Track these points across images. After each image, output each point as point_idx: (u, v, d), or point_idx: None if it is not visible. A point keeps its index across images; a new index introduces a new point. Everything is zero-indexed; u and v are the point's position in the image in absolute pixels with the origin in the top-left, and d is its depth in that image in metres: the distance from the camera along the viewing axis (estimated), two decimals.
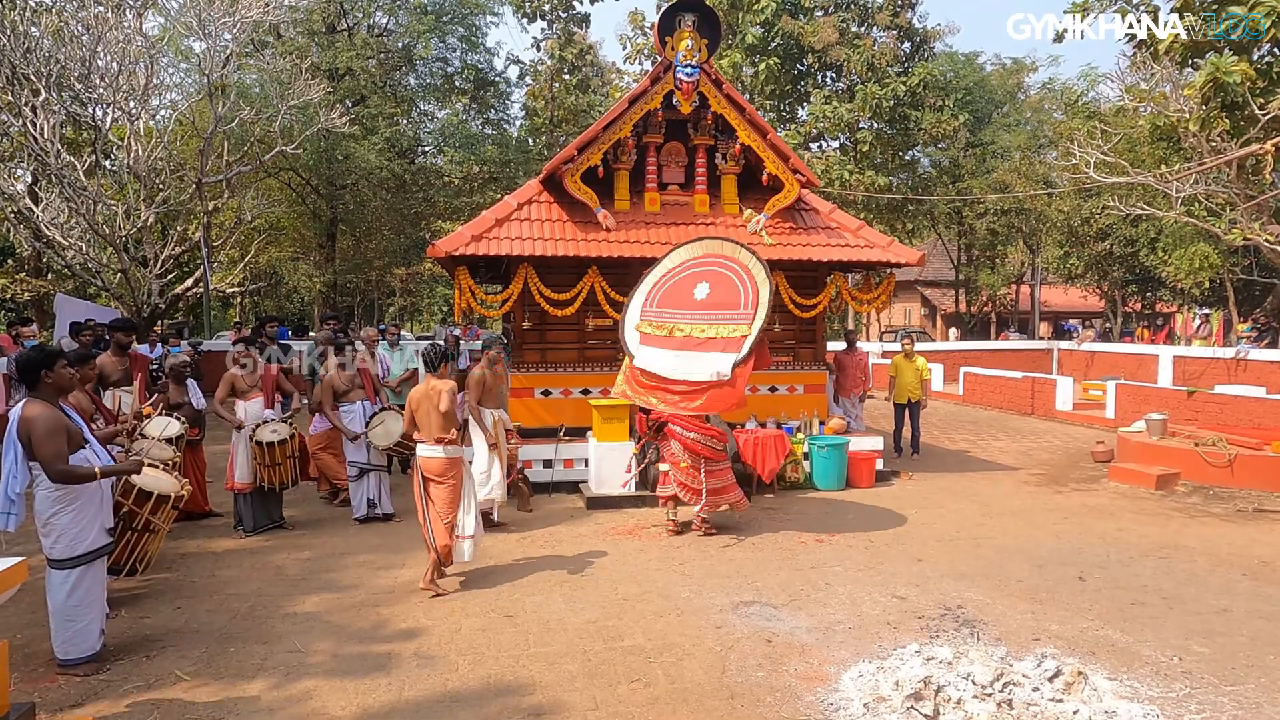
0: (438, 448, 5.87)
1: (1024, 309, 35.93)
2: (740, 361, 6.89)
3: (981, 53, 44.07)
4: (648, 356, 7.35)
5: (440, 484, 5.91)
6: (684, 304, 7.54)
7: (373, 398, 8.20)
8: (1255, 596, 5.81)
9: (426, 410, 5.87)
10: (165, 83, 18.68)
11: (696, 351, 7.16)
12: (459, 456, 6.00)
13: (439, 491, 5.93)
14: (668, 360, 7.23)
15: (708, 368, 6.94)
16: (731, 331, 7.12)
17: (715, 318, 7.30)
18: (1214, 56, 13.64)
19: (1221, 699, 4.22)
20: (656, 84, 9.49)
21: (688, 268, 7.82)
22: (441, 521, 5.91)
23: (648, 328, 7.57)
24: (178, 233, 18.60)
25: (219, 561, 6.64)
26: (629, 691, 4.32)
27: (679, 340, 7.34)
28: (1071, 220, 25.82)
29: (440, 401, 5.81)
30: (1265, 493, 8.96)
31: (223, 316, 31.99)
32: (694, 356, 7.12)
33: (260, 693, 4.32)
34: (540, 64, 28.75)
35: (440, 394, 5.83)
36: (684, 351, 7.22)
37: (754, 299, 7.21)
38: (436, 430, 5.85)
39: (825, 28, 22.71)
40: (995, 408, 16.93)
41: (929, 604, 5.63)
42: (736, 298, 7.30)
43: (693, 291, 7.56)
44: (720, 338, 7.15)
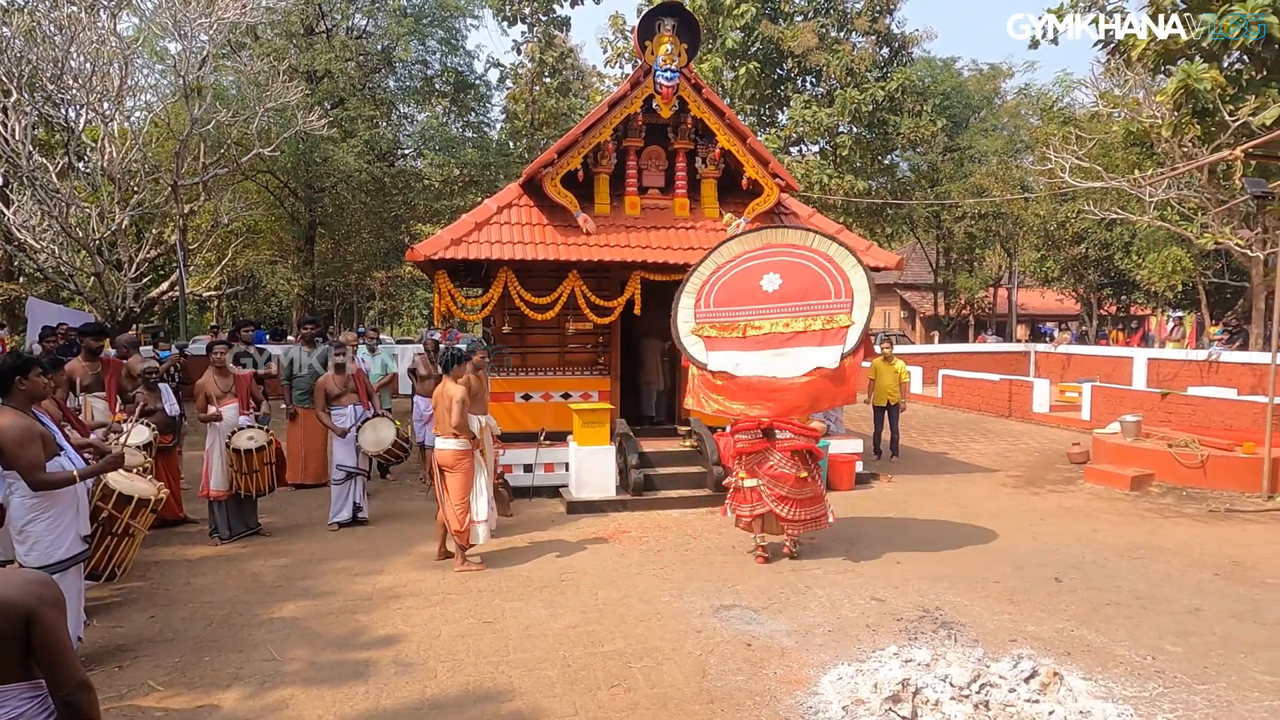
0: (449, 440, 6.50)
1: (1001, 312, 36.32)
2: (850, 352, 6.46)
3: (959, 58, 44.47)
4: (724, 360, 6.75)
5: (452, 473, 6.51)
6: (752, 299, 6.95)
7: (365, 402, 8.13)
8: (1227, 596, 5.90)
9: (441, 409, 6.54)
10: (140, 84, 18.48)
11: (787, 347, 6.63)
12: (468, 449, 6.56)
13: (451, 480, 6.52)
14: (752, 361, 6.65)
15: (806, 362, 6.46)
16: (826, 323, 6.63)
17: (801, 309, 6.77)
18: (1185, 63, 13.91)
19: (1194, 698, 4.27)
20: (636, 88, 9.50)
21: (745, 260, 7.20)
22: (454, 508, 6.50)
23: (710, 330, 6.96)
24: (153, 236, 18.36)
25: (194, 569, 6.56)
26: (609, 697, 4.31)
27: (759, 339, 6.78)
28: (1048, 224, 26.16)
29: (448, 405, 6.47)
30: (1236, 493, 9.10)
31: (199, 320, 31.62)
32: (786, 353, 6.60)
33: (235, 702, 4.27)
34: (521, 67, 28.67)
35: (450, 399, 6.45)
36: (770, 350, 6.67)
37: (846, 286, 6.72)
38: (446, 426, 6.48)
39: (805, 33, 22.82)
40: (973, 410, 17.08)
41: (907, 606, 5.66)
42: (823, 286, 6.79)
43: (759, 284, 6.98)
44: (814, 330, 6.64)
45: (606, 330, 9.91)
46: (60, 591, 2.18)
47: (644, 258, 9.28)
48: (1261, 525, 8.00)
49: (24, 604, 2.06)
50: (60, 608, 2.13)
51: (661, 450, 9.42)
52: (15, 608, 2.05)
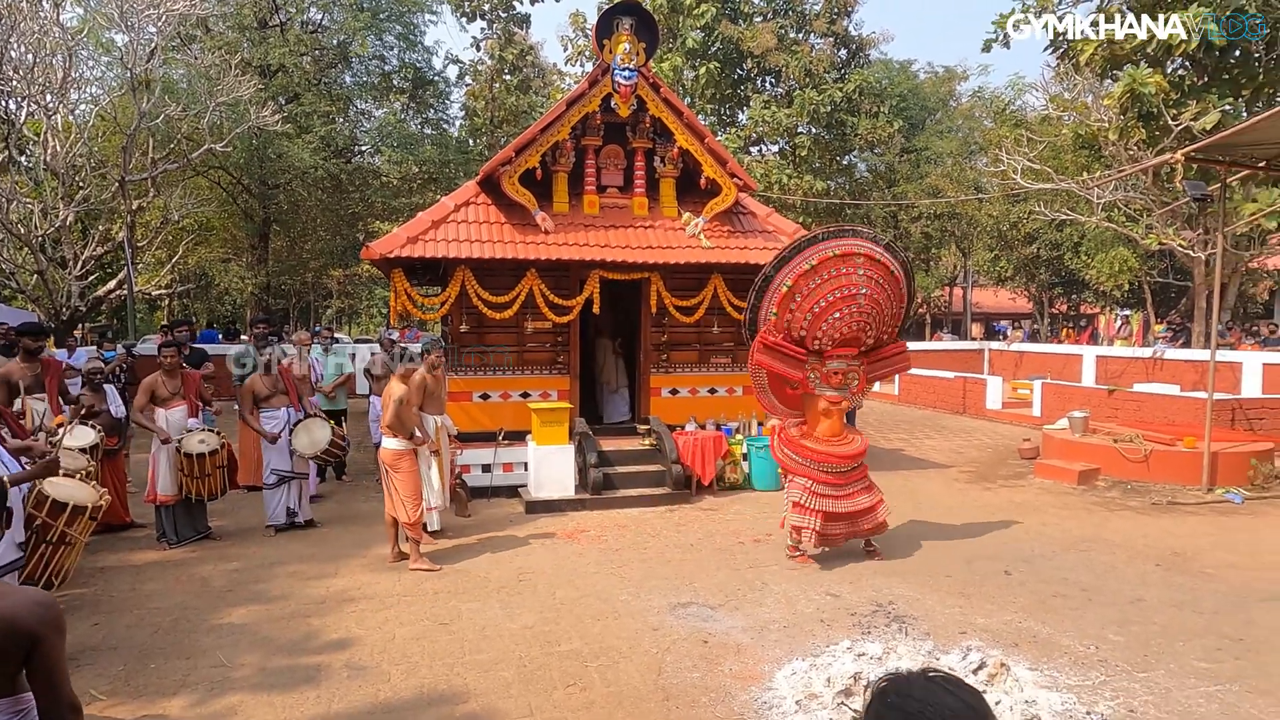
0: (391, 439, 6.57)
1: (957, 310, 36.99)
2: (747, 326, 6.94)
3: (915, 60, 45.23)
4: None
5: (394, 471, 6.56)
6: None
7: (296, 404, 7.90)
8: (1167, 586, 6.08)
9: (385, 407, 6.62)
10: (85, 76, 17.90)
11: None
12: (409, 450, 6.63)
13: (395, 478, 6.56)
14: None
15: None
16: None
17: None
18: (1131, 68, 14.30)
19: (1134, 685, 4.40)
20: (595, 86, 9.48)
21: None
22: (402, 505, 6.53)
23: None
24: (99, 232, 17.87)
25: (140, 575, 6.40)
26: (565, 696, 4.30)
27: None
28: (1001, 225, 26.72)
29: (386, 403, 6.56)
30: (1178, 486, 9.38)
31: (149, 320, 30.82)
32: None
33: (182, 710, 4.18)
34: (480, 64, 28.44)
35: (389, 398, 6.54)
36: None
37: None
38: (386, 423, 6.56)
39: (764, 33, 22.98)
40: (929, 407, 17.37)
41: (861, 601, 5.74)
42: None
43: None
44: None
45: (565, 329, 9.88)
46: (61, 614, 2.17)
47: (603, 256, 9.26)
48: (1200, 517, 8.26)
49: (31, 628, 2.08)
50: (61, 632, 2.15)
51: (621, 449, 9.42)
52: (22, 630, 2.07)
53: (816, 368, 6.75)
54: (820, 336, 6.65)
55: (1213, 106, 13.85)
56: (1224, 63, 14.76)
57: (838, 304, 6.53)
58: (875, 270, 6.58)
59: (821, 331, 6.62)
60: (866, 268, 6.52)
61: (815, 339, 6.67)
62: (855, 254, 6.50)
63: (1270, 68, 14.54)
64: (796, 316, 6.62)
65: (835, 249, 6.50)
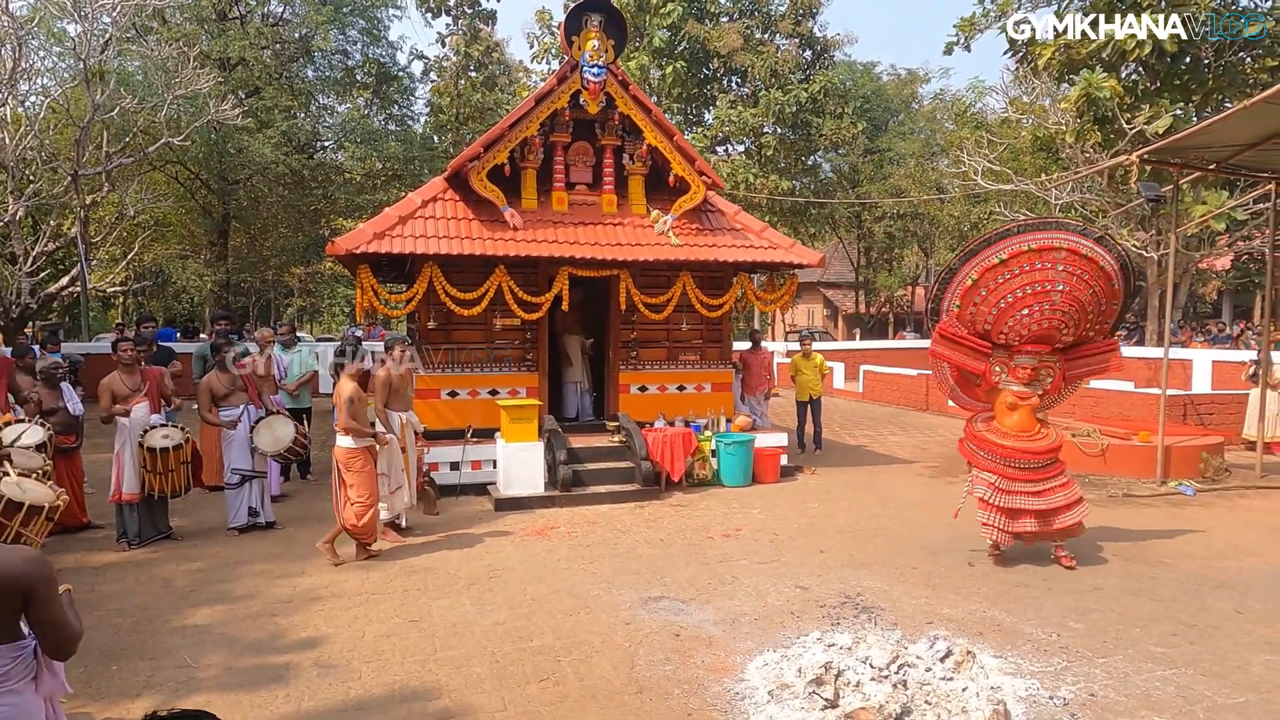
0: (344, 438, 6.55)
1: (919, 309, 37.56)
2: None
3: (878, 63, 45.81)
4: None
5: (348, 470, 6.52)
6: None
7: (256, 401, 7.77)
8: (1125, 575, 6.25)
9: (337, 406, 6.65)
10: (36, 67, 17.41)
11: None
12: (361, 449, 6.58)
13: (348, 478, 6.53)
14: None
15: None
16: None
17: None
18: (1087, 73, 14.65)
19: (1094, 670, 4.52)
20: (563, 83, 9.47)
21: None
22: (350, 504, 6.48)
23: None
24: (51, 228, 17.40)
25: (99, 576, 6.25)
26: (538, 691, 4.30)
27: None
28: (961, 224, 27.21)
29: (339, 403, 6.58)
30: (1134, 479, 9.65)
31: (103, 318, 30.06)
32: None
33: (146, 711, 4.08)
34: (445, 60, 28.21)
35: (339, 397, 6.57)
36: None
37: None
38: (340, 424, 6.55)
39: (730, 33, 23.14)
40: (893, 404, 17.62)
41: (830, 593, 5.82)
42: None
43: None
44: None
45: (534, 326, 9.86)
46: (49, 567, 2.38)
47: (572, 253, 9.25)
48: (1155, 509, 8.51)
49: (21, 580, 2.27)
50: (51, 582, 2.35)
51: (590, 446, 9.42)
52: (11, 582, 2.27)
53: (1003, 361, 6.57)
54: (1007, 331, 6.45)
55: (1165, 111, 14.27)
56: (1175, 68, 15.21)
57: (1028, 300, 6.29)
58: (1080, 266, 6.21)
59: (1008, 326, 6.42)
60: (1069, 263, 6.22)
61: (1001, 333, 6.49)
62: (1056, 248, 6.22)
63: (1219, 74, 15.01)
64: (981, 310, 6.45)
65: (1031, 243, 6.26)
